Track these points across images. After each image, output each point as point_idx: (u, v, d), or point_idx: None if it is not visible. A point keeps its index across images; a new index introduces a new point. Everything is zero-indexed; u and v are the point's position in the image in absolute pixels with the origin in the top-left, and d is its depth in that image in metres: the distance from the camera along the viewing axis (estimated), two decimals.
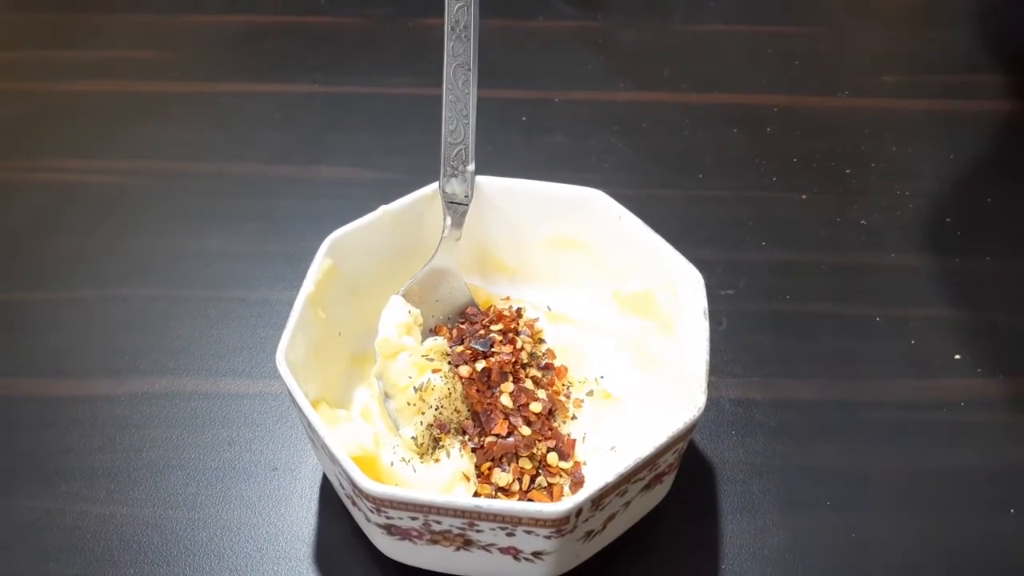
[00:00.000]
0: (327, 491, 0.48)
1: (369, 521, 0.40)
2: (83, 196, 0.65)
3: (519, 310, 0.51)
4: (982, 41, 0.78)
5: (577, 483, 0.44)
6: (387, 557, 0.43)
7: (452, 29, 0.46)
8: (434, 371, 0.45)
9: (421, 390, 0.44)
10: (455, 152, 0.48)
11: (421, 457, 0.44)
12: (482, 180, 0.50)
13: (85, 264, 0.60)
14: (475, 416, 0.45)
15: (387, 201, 0.49)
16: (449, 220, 0.49)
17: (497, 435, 0.44)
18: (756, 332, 0.55)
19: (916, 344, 0.55)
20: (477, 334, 0.48)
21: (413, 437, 0.44)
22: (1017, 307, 0.57)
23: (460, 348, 0.47)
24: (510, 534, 0.38)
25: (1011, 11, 0.82)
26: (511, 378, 0.46)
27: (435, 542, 0.39)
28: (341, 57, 0.77)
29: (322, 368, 0.46)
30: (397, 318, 0.46)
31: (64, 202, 0.65)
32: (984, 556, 0.46)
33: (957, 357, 0.54)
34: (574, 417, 0.47)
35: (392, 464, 0.43)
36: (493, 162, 0.54)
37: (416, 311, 0.47)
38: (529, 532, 0.37)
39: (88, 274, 0.60)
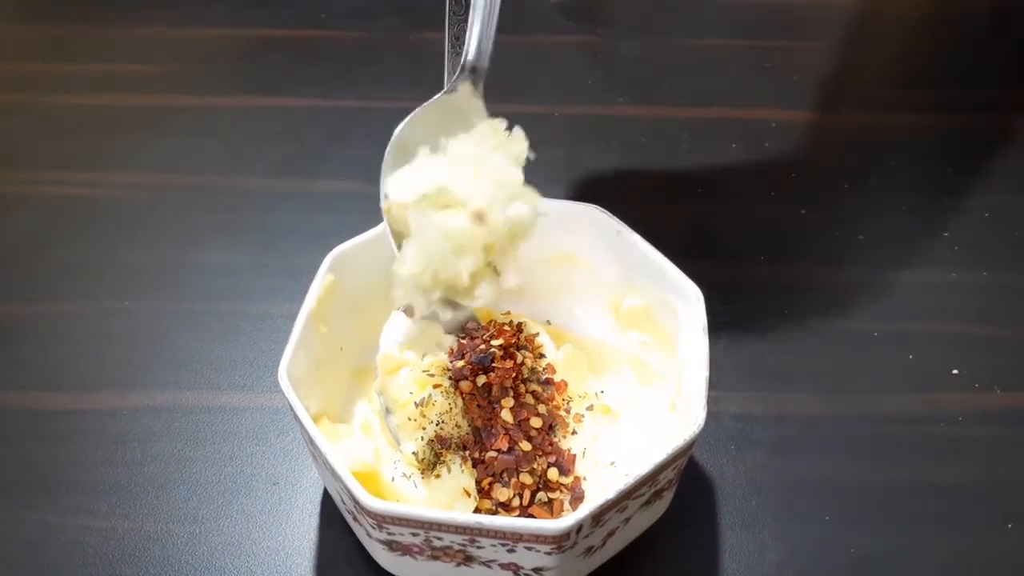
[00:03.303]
0: (328, 506, 0.48)
1: (370, 537, 0.40)
2: (83, 209, 0.66)
3: (519, 325, 0.51)
4: (979, 56, 0.79)
5: (577, 498, 0.44)
6: (388, 572, 0.43)
7: (452, 45, 0.47)
8: (435, 386, 0.45)
9: (422, 405, 0.44)
10: None
11: (422, 472, 0.44)
12: None
13: (85, 277, 0.60)
14: (476, 431, 0.45)
15: None
16: None
17: (498, 450, 0.44)
18: (755, 347, 0.56)
19: (914, 359, 0.55)
20: (478, 349, 0.48)
21: (414, 452, 0.44)
22: (1015, 322, 0.57)
23: (461, 363, 0.47)
24: (511, 550, 0.38)
25: (1006, 27, 0.83)
26: (511, 393, 0.46)
27: (436, 558, 0.40)
28: (342, 71, 0.78)
29: (323, 383, 0.46)
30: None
31: (64, 215, 0.65)
32: (982, 570, 0.46)
33: (955, 372, 0.54)
34: (574, 432, 0.47)
35: (393, 480, 0.43)
36: None
37: None
38: (530, 548, 0.37)
39: (88, 287, 0.60)
